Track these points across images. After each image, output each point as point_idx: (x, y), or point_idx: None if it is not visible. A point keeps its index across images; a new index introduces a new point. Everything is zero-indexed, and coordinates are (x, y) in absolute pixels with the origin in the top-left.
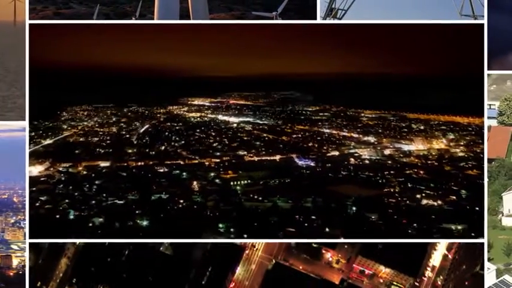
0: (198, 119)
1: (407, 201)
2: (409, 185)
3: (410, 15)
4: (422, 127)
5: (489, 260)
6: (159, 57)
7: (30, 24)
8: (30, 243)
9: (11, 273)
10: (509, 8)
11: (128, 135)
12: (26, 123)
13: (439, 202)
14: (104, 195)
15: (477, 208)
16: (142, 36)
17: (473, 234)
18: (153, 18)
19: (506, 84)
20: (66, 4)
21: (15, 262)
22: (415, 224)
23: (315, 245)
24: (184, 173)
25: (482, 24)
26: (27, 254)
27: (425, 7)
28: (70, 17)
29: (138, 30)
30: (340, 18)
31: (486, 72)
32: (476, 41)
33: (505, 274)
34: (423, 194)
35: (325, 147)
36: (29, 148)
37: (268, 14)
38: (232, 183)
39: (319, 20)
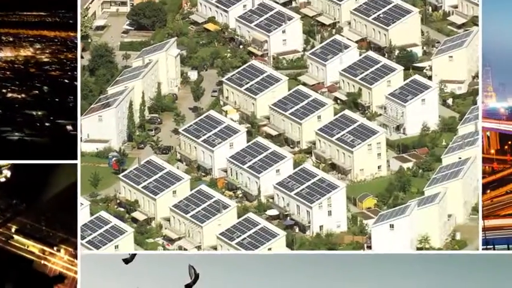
0: None
1: None
2: None
3: None
4: (11, 39)
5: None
6: None
7: None
8: None
9: None
10: None
11: None
12: None
13: (23, 95)
14: None
15: (57, 100)
16: None
17: (52, 118)
18: None
19: None
20: None
21: None
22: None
23: None
24: None
25: None
26: None
27: None
28: None
29: None
30: None
31: None
32: None
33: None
34: (9, 89)
35: None
36: None
37: None
38: None
39: None
